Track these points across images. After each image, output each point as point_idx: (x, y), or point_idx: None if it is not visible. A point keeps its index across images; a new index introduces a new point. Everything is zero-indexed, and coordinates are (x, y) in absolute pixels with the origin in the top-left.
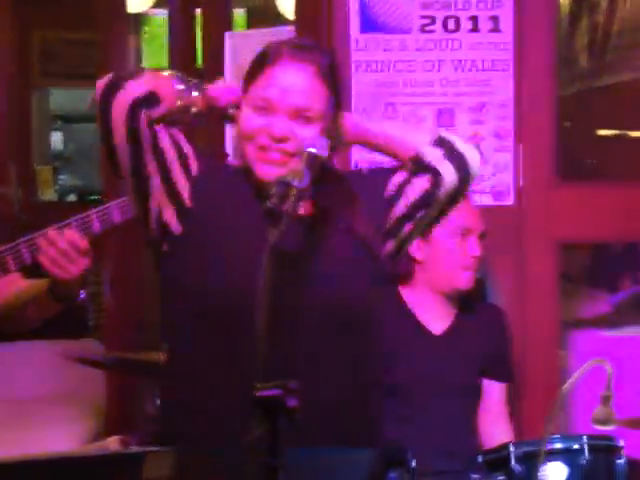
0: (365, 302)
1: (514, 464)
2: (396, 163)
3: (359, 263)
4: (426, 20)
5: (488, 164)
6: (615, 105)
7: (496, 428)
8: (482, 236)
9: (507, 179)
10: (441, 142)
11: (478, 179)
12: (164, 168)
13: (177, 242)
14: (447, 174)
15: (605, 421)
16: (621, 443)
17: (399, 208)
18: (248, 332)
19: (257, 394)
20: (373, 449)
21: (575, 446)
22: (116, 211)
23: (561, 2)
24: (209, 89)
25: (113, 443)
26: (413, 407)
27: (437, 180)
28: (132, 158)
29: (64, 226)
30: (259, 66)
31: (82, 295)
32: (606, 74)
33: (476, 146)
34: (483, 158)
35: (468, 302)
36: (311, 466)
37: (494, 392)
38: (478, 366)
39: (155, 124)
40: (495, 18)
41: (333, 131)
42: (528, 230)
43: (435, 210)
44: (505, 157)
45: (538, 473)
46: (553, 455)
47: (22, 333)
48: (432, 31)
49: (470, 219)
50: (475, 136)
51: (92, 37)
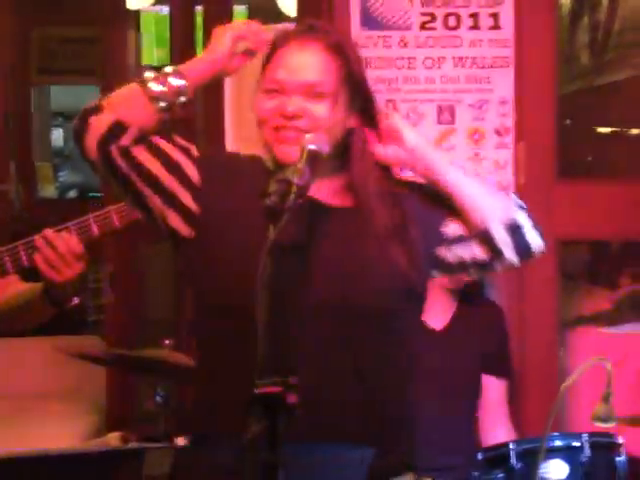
0: (382, 305)
1: (514, 461)
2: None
3: (386, 269)
4: (426, 17)
5: (488, 161)
6: (616, 103)
7: (496, 424)
8: None
9: (507, 176)
10: (513, 229)
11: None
12: (153, 183)
13: (190, 244)
14: (510, 259)
15: (605, 418)
16: (621, 440)
17: (450, 254)
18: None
19: (256, 391)
20: (377, 448)
21: (575, 443)
22: (115, 216)
23: (562, 0)
24: (188, 70)
25: (114, 440)
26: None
27: (499, 259)
28: (118, 184)
29: (63, 229)
30: (270, 51)
31: (75, 300)
32: (607, 72)
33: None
34: (542, 240)
35: (468, 298)
36: (309, 463)
37: (493, 388)
38: (478, 362)
39: (134, 146)
40: (495, 15)
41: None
42: None
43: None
44: (505, 154)
45: (538, 470)
46: (553, 452)
47: (16, 334)
48: (433, 28)
49: None
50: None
51: (92, 34)
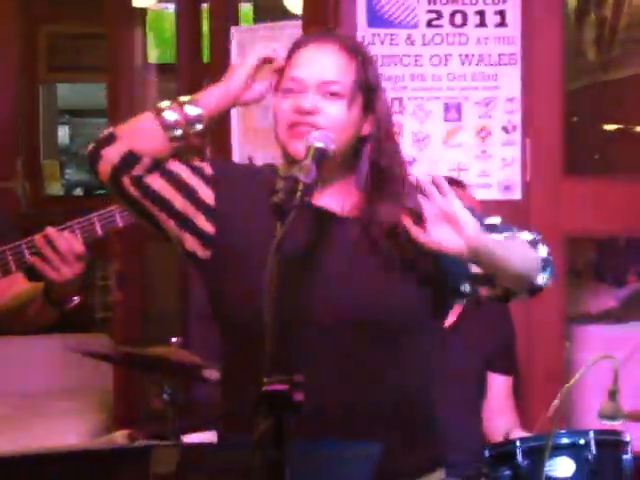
0: (393, 312)
1: (520, 459)
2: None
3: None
4: (433, 15)
5: (495, 158)
6: (622, 99)
7: (502, 421)
8: None
9: (514, 173)
10: (534, 290)
11: (485, 173)
12: (167, 208)
13: (207, 265)
14: (522, 298)
15: (612, 416)
16: (628, 438)
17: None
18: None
19: (263, 389)
20: (407, 447)
21: (582, 441)
22: (118, 215)
23: None
24: (203, 99)
25: (120, 437)
26: None
27: (511, 299)
28: (132, 210)
29: (66, 228)
30: (288, 56)
31: (75, 300)
32: (613, 68)
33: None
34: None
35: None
36: (314, 459)
37: (499, 385)
38: (484, 360)
39: (147, 175)
40: (502, 12)
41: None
42: (535, 224)
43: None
44: (512, 151)
45: (544, 468)
46: (560, 450)
47: (22, 333)
48: (439, 26)
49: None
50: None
51: (99, 32)
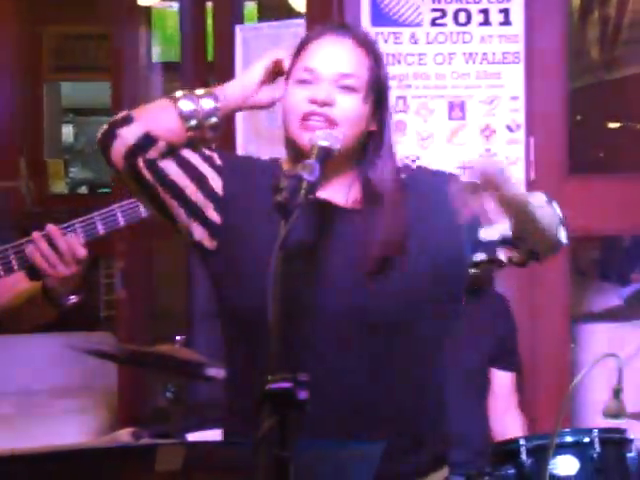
0: (399, 305)
1: (524, 457)
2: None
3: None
4: (437, 13)
5: (499, 156)
6: (626, 98)
7: (506, 417)
8: None
9: (518, 172)
10: (556, 248)
11: None
12: (179, 196)
13: (213, 256)
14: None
15: (616, 414)
16: (632, 436)
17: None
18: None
19: (266, 387)
20: (413, 445)
21: (586, 439)
22: (120, 214)
23: None
24: (220, 93)
25: (125, 436)
26: None
27: (529, 262)
28: (144, 195)
29: (67, 227)
30: (301, 46)
31: (74, 299)
32: (617, 67)
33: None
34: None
35: (476, 291)
36: (316, 458)
37: (502, 381)
38: (486, 358)
39: (160, 160)
40: (506, 11)
41: None
42: None
43: None
44: (516, 150)
45: (548, 466)
46: (564, 448)
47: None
48: (443, 24)
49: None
50: None
51: (103, 31)
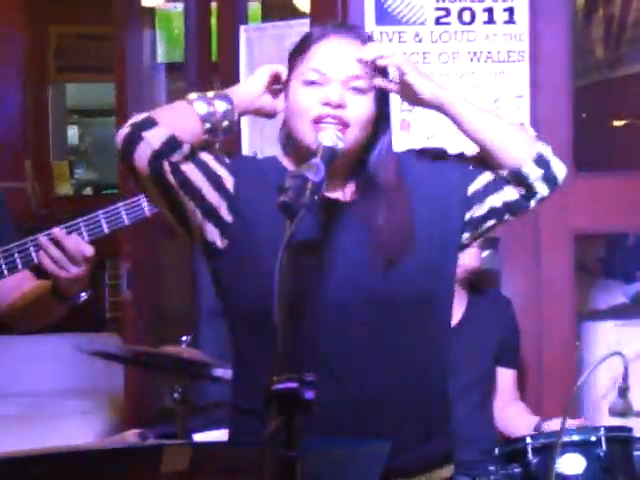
0: (407, 295)
1: (531, 456)
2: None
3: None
4: (441, 12)
5: None
6: (631, 96)
7: (509, 408)
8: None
9: None
10: (541, 162)
11: None
12: (198, 197)
13: (224, 257)
14: (541, 192)
15: (622, 412)
16: (638, 435)
17: (482, 208)
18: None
19: (273, 387)
20: (419, 442)
21: (592, 438)
22: (124, 212)
23: None
24: (231, 94)
25: (131, 436)
26: None
27: (531, 195)
28: (163, 198)
29: (72, 226)
30: (304, 45)
31: (84, 296)
32: (621, 65)
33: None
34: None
35: (477, 290)
36: (324, 457)
37: (505, 379)
38: (490, 356)
39: (183, 163)
40: (510, 9)
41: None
42: (544, 221)
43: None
44: None
45: (555, 465)
46: (570, 447)
47: (32, 332)
48: (447, 23)
49: None
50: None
51: (107, 32)
